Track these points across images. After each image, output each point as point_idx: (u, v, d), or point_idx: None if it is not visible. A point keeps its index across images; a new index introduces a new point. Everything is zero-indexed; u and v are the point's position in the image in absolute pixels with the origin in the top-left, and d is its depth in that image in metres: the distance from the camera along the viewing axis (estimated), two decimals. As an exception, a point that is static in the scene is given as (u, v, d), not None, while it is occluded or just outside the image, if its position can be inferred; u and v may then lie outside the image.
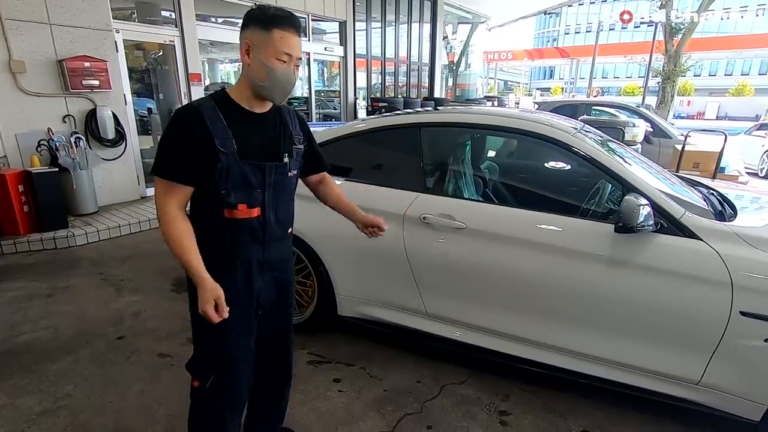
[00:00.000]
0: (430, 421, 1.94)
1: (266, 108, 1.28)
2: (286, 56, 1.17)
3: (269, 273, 1.34)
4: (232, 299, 1.21)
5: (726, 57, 36.18)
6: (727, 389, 1.73)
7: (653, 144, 6.07)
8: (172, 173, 1.16)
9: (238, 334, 1.31)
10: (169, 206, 1.17)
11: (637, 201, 1.70)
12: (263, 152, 1.25)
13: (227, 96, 1.23)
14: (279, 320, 1.45)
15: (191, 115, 1.16)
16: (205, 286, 1.15)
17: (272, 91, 1.20)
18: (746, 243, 1.68)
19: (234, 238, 1.25)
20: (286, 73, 1.18)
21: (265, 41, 1.15)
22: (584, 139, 2.06)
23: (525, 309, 2.03)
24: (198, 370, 1.34)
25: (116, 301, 3.03)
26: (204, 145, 1.15)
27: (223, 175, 1.17)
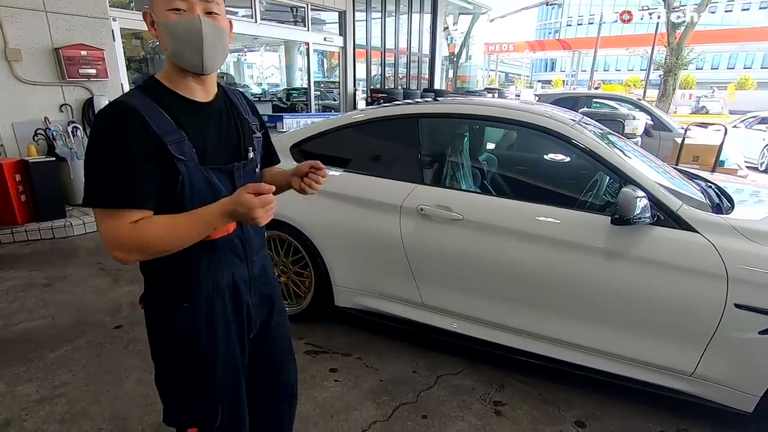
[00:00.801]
0: (425, 411, 1.95)
1: (211, 94, 1.01)
2: (181, 2, 0.88)
3: (256, 290, 1.13)
4: (226, 329, 1.06)
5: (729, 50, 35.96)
6: (721, 381, 1.74)
7: (653, 137, 6.05)
8: (126, 198, 0.85)
9: (235, 362, 1.10)
10: (122, 229, 0.86)
11: (634, 193, 1.70)
12: (226, 151, 1.01)
13: (160, 84, 0.95)
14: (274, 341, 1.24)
15: (125, 114, 0.87)
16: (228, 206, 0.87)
17: (182, 54, 0.90)
18: (742, 236, 1.68)
19: (213, 264, 1.01)
20: (187, 23, 0.88)
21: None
22: (583, 131, 2.05)
23: (521, 300, 2.03)
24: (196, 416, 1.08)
25: (114, 291, 3.04)
26: (155, 153, 0.87)
27: (186, 189, 0.92)
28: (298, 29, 8.17)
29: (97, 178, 0.86)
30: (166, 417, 1.09)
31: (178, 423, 1.09)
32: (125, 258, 0.88)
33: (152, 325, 1.05)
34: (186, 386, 1.06)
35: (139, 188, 0.86)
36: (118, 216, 0.86)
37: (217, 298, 1.03)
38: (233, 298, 1.06)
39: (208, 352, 1.04)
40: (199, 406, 1.07)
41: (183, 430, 1.09)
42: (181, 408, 1.08)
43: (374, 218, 2.25)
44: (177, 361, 1.04)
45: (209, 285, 1.02)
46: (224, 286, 1.04)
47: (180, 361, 1.04)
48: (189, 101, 0.96)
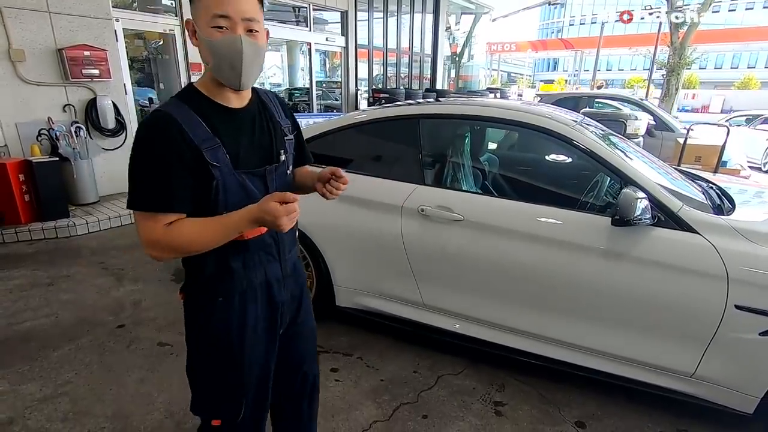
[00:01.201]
0: (425, 411, 1.96)
1: (245, 101, 1.05)
2: (222, 20, 0.90)
3: (288, 288, 1.18)
4: (256, 326, 1.10)
5: (732, 50, 35.79)
6: (721, 382, 1.75)
7: (656, 137, 6.04)
8: (162, 203, 0.92)
9: (266, 357, 1.15)
10: (157, 230, 0.93)
11: (634, 194, 1.70)
12: (258, 155, 1.05)
13: (196, 91, 0.99)
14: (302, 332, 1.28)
15: (165, 124, 0.92)
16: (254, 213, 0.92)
17: (221, 71, 0.95)
18: (743, 237, 1.68)
19: (248, 263, 1.06)
20: (228, 43, 0.91)
21: (199, 10, 0.92)
22: (584, 132, 2.05)
23: (521, 301, 2.04)
24: (219, 407, 1.13)
25: (117, 290, 3.06)
26: (191, 160, 0.93)
27: (220, 194, 0.96)
28: (300, 29, 8.19)
29: (137, 183, 0.93)
30: (193, 406, 1.15)
31: (203, 413, 1.14)
32: (159, 256, 0.95)
33: (189, 317, 1.10)
34: (213, 379, 1.11)
35: (173, 194, 0.92)
36: (154, 218, 0.93)
37: (251, 295, 1.08)
38: (267, 296, 1.11)
39: (237, 348, 1.08)
40: (224, 400, 1.12)
41: (208, 420, 1.14)
42: (208, 399, 1.13)
43: (375, 219, 2.26)
44: (207, 354, 1.10)
45: (243, 283, 1.06)
46: (257, 285, 1.09)
47: (210, 355, 1.09)
48: (224, 108, 1.00)
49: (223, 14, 0.90)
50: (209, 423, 1.13)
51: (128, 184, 0.93)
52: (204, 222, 0.95)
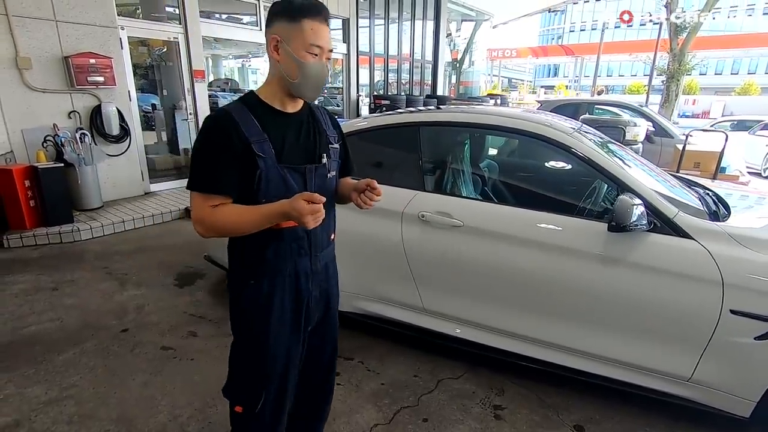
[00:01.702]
0: (426, 414, 1.98)
1: (298, 107, 1.20)
2: (317, 48, 1.09)
3: (317, 285, 1.26)
4: (281, 316, 1.19)
5: (732, 56, 35.89)
6: (718, 386, 1.77)
7: (655, 143, 6.08)
8: (212, 185, 1.08)
9: (290, 351, 1.23)
10: (205, 209, 1.08)
11: (630, 201, 1.73)
12: (301, 154, 1.17)
13: (257, 97, 1.15)
14: (324, 339, 1.37)
15: (223, 120, 1.08)
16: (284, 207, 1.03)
17: (305, 87, 1.12)
18: (737, 243, 1.71)
19: (279, 251, 1.17)
20: (318, 67, 1.10)
21: (294, 34, 1.07)
22: (582, 140, 2.08)
23: (520, 305, 2.06)
24: (243, 393, 1.23)
25: (120, 295, 3.09)
26: (241, 151, 1.06)
27: (263, 183, 1.09)
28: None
29: (194, 168, 1.09)
30: (224, 389, 1.28)
31: (230, 397, 1.26)
32: (203, 233, 1.10)
33: (230, 296, 1.24)
34: (241, 365, 1.24)
35: (221, 179, 1.08)
36: (204, 198, 1.08)
37: (279, 282, 1.18)
38: (293, 286, 1.21)
39: (263, 333, 1.18)
40: (246, 388, 1.22)
41: (232, 406, 1.26)
42: (235, 385, 1.25)
43: (376, 224, 2.29)
44: (237, 333, 1.23)
45: (273, 269, 1.17)
46: (286, 273, 1.19)
47: (239, 334, 1.23)
48: (277, 111, 1.16)
49: (319, 44, 1.09)
50: (233, 408, 1.25)
51: (189, 168, 1.10)
52: (244, 208, 1.08)
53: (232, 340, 1.25)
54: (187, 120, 5.99)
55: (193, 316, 2.82)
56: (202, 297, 3.08)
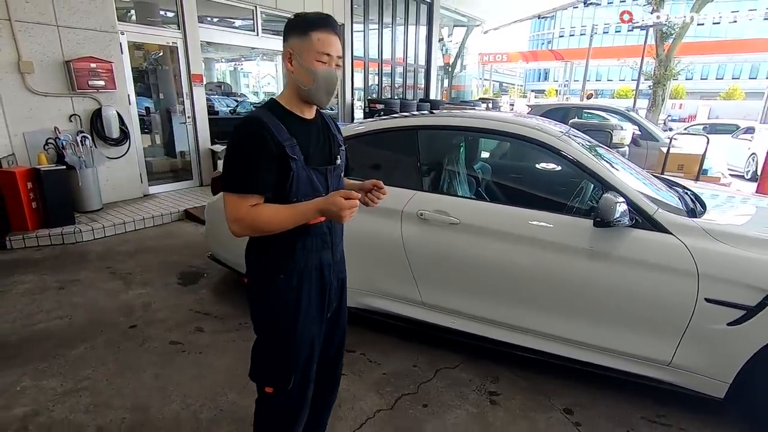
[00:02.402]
0: (425, 401, 2.11)
1: (313, 114, 1.31)
2: (325, 57, 1.18)
3: (336, 275, 1.40)
4: (308, 307, 1.29)
5: (717, 61, 36.71)
6: (695, 370, 1.91)
7: (641, 146, 6.29)
8: (249, 186, 1.16)
9: (314, 338, 1.34)
10: (242, 209, 1.16)
11: (614, 199, 1.88)
12: (321, 156, 1.29)
13: (279, 105, 1.25)
14: (336, 326, 1.49)
15: (257, 124, 1.17)
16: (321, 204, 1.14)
17: (317, 93, 1.21)
18: (711, 237, 1.86)
19: (307, 245, 1.27)
20: (328, 74, 1.20)
21: (305, 46, 1.18)
22: (570, 143, 2.23)
23: (513, 298, 2.20)
24: (273, 375, 1.33)
25: (126, 294, 3.17)
26: (277, 153, 1.16)
27: (294, 183, 1.19)
28: (297, 41, 8.40)
29: (231, 170, 1.17)
30: (251, 373, 1.37)
31: (259, 380, 1.36)
32: (239, 231, 1.17)
33: (253, 292, 1.32)
34: (270, 352, 1.32)
35: (259, 179, 1.16)
36: (242, 199, 1.16)
37: (306, 276, 1.29)
38: (319, 278, 1.32)
39: (292, 323, 1.28)
40: (277, 371, 1.32)
41: (261, 387, 1.36)
42: (264, 369, 1.34)
43: (377, 223, 2.42)
44: (266, 328, 1.32)
45: (302, 263, 1.27)
46: (312, 267, 1.30)
47: (269, 329, 1.31)
48: (299, 117, 1.26)
49: (327, 52, 1.18)
50: (263, 389, 1.35)
51: (223, 171, 1.17)
52: (281, 207, 1.18)
53: (255, 332, 1.34)
54: (186, 123, 6.07)
55: (198, 312, 2.92)
56: (206, 295, 3.18)
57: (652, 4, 14.87)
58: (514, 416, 2.02)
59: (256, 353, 1.36)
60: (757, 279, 1.75)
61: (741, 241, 1.84)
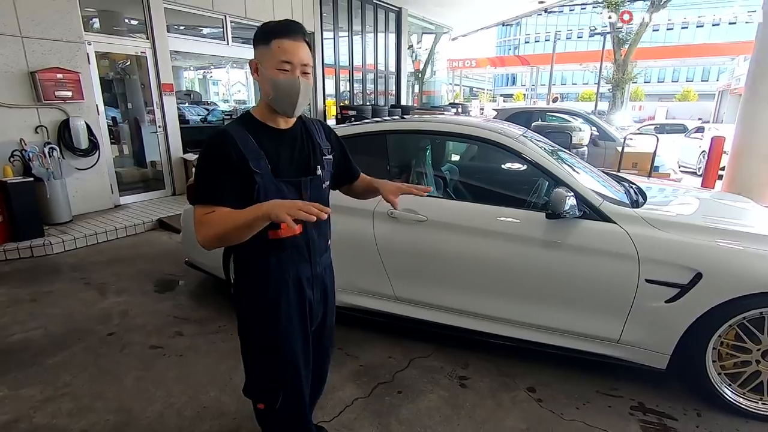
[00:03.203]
0: (400, 388, 2.24)
1: (291, 123, 1.29)
2: (286, 65, 1.15)
3: (318, 289, 1.37)
4: (289, 321, 1.28)
5: (672, 65, 38.74)
6: (640, 344, 2.12)
7: (600, 146, 6.66)
8: (212, 197, 1.15)
9: (299, 353, 1.33)
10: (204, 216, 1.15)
11: (564, 193, 2.07)
12: (296, 167, 1.27)
13: (252, 116, 1.25)
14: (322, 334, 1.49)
15: (222, 138, 1.17)
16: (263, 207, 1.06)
17: (280, 102, 1.19)
18: (649, 224, 2.09)
19: (282, 259, 1.26)
20: (289, 82, 1.16)
21: (266, 55, 1.17)
22: (525, 143, 2.43)
23: (476, 288, 2.36)
24: (262, 392, 1.34)
25: (102, 303, 3.18)
26: (240, 167, 1.15)
27: (261, 196, 1.17)
28: (268, 49, 8.47)
29: (201, 182, 1.18)
30: (244, 389, 1.38)
31: (251, 396, 1.37)
32: (202, 240, 1.15)
33: (237, 306, 1.34)
34: (256, 367, 1.34)
35: (221, 191, 1.16)
36: (205, 209, 1.16)
37: (283, 289, 1.28)
38: (297, 292, 1.31)
39: (270, 338, 1.29)
40: (265, 388, 1.34)
41: (255, 404, 1.38)
42: (254, 385, 1.36)
43: (350, 223, 2.54)
44: (248, 340, 1.33)
45: (278, 279, 1.27)
46: (290, 280, 1.29)
47: (250, 343, 1.33)
48: (272, 128, 1.26)
49: (287, 60, 1.16)
50: (257, 405, 1.38)
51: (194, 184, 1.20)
52: (231, 210, 1.14)
53: (241, 349, 1.36)
54: (157, 133, 6.04)
55: (177, 318, 2.96)
56: (184, 300, 3.22)
57: (609, 11, 15.66)
58: (482, 397, 2.18)
59: (246, 369, 1.38)
60: (689, 260, 1.97)
61: (674, 227, 2.07)
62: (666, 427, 1.98)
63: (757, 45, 4.39)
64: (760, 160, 4.34)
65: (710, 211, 2.55)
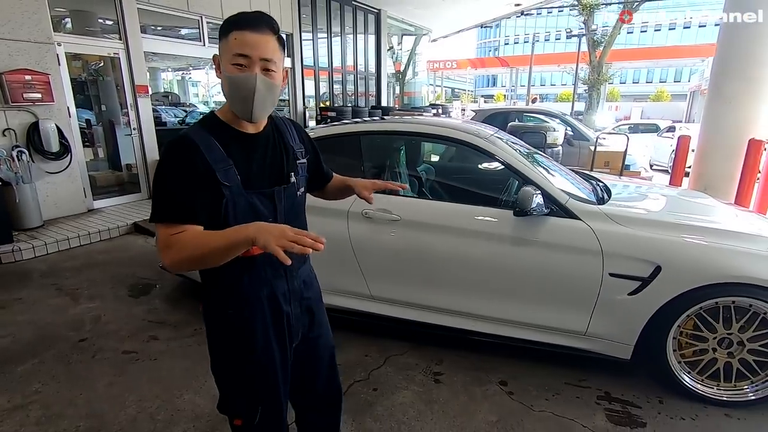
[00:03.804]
0: (375, 385, 2.27)
1: (261, 126, 1.15)
2: (242, 58, 1.01)
3: (297, 303, 1.25)
4: (265, 340, 1.18)
5: (646, 66, 39.86)
6: (606, 336, 2.20)
7: (574, 146, 6.83)
8: (174, 214, 1.01)
9: (277, 369, 1.23)
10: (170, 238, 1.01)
11: (531, 191, 2.14)
12: (268, 177, 1.14)
13: (217, 119, 1.11)
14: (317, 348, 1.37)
15: (183, 145, 1.03)
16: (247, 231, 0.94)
17: (235, 104, 1.05)
18: (612, 220, 2.17)
19: (255, 277, 1.14)
20: (244, 80, 1.01)
21: (224, 49, 1.03)
22: (495, 143, 2.49)
23: (449, 285, 2.41)
24: (239, 408, 1.24)
25: (74, 309, 3.12)
26: (206, 180, 1.02)
27: (230, 211, 1.05)
28: (246, 51, 8.41)
29: (155, 197, 1.03)
30: (218, 405, 1.28)
31: (226, 412, 1.27)
32: (170, 264, 1.01)
33: (206, 324, 1.22)
34: (231, 383, 1.24)
35: (185, 206, 1.01)
36: (168, 228, 1.01)
37: (258, 307, 1.17)
38: (272, 309, 1.19)
39: (246, 355, 1.19)
40: (241, 403, 1.23)
41: (231, 420, 1.27)
42: (228, 401, 1.25)
43: (325, 223, 2.55)
44: (222, 360, 1.22)
45: (250, 297, 1.16)
46: (264, 297, 1.17)
47: (224, 361, 1.22)
48: (240, 133, 1.11)
49: (243, 54, 1.00)
50: (233, 421, 1.26)
51: (152, 199, 1.05)
52: (208, 232, 1.02)
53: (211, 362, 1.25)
54: (131, 135, 5.94)
55: (152, 322, 2.93)
56: (160, 304, 3.18)
57: (583, 15, 16.05)
58: (455, 392, 2.23)
59: (218, 385, 1.26)
60: (649, 253, 2.06)
61: (635, 223, 2.16)
62: (630, 414, 2.06)
63: (719, 48, 4.58)
64: (724, 158, 4.52)
65: (672, 208, 2.66)
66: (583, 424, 1.99)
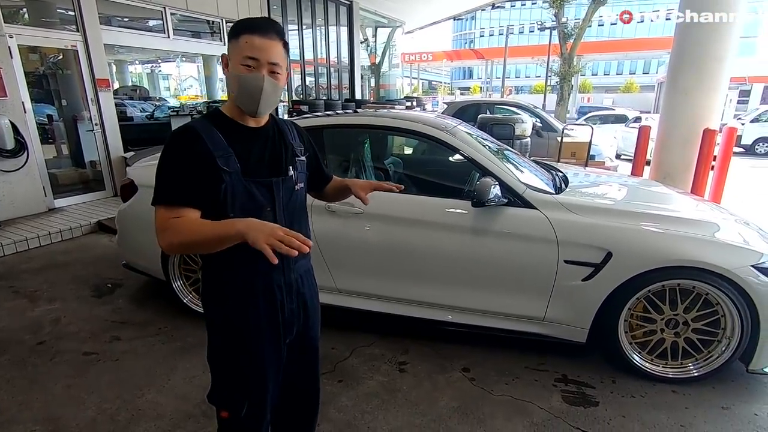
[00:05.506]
0: (341, 377, 2.29)
1: (262, 122, 1.24)
2: (251, 61, 1.11)
3: (293, 297, 1.28)
4: (258, 331, 1.22)
5: (616, 58, 40.87)
6: (563, 321, 2.29)
7: (543, 137, 6.97)
8: (174, 197, 1.09)
9: (268, 364, 1.26)
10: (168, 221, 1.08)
11: (489, 182, 2.19)
12: (267, 168, 1.20)
13: (221, 113, 1.20)
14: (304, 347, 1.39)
15: (188, 134, 1.12)
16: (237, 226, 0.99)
17: (242, 100, 1.14)
18: (566, 209, 2.24)
19: (252, 267, 1.18)
20: (252, 79, 1.11)
21: (234, 50, 1.13)
22: (455, 135, 2.53)
23: (411, 275, 2.45)
24: (226, 400, 1.27)
25: (32, 311, 3.02)
26: (206, 165, 1.09)
27: (229, 197, 1.12)
28: (213, 43, 8.18)
29: (157, 180, 1.11)
30: (209, 395, 1.30)
31: (215, 402, 1.30)
32: (165, 245, 1.08)
33: (205, 313, 1.27)
34: (222, 374, 1.27)
35: (185, 190, 1.09)
36: (168, 210, 1.09)
37: (252, 300, 1.21)
38: (268, 301, 1.23)
39: (238, 348, 1.23)
40: (229, 395, 1.27)
41: (218, 411, 1.30)
42: (218, 392, 1.29)
43: (289, 217, 2.56)
44: (216, 349, 1.26)
45: (246, 287, 1.21)
46: (259, 289, 1.21)
47: (218, 350, 1.26)
48: (241, 126, 1.19)
49: (252, 56, 1.10)
50: (219, 413, 1.30)
51: (155, 183, 1.11)
52: (202, 221, 1.09)
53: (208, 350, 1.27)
54: (93, 131, 5.74)
55: (115, 322, 2.87)
56: (124, 304, 3.12)
57: (554, 7, 16.30)
58: (419, 380, 2.27)
59: (212, 374, 1.30)
60: (600, 240, 2.14)
61: (588, 211, 2.24)
62: (584, 395, 2.15)
63: (676, 43, 4.73)
64: (681, 147, 4.69)
65: (625, 196, 2.76)
66: (539, 406, 2.07)
